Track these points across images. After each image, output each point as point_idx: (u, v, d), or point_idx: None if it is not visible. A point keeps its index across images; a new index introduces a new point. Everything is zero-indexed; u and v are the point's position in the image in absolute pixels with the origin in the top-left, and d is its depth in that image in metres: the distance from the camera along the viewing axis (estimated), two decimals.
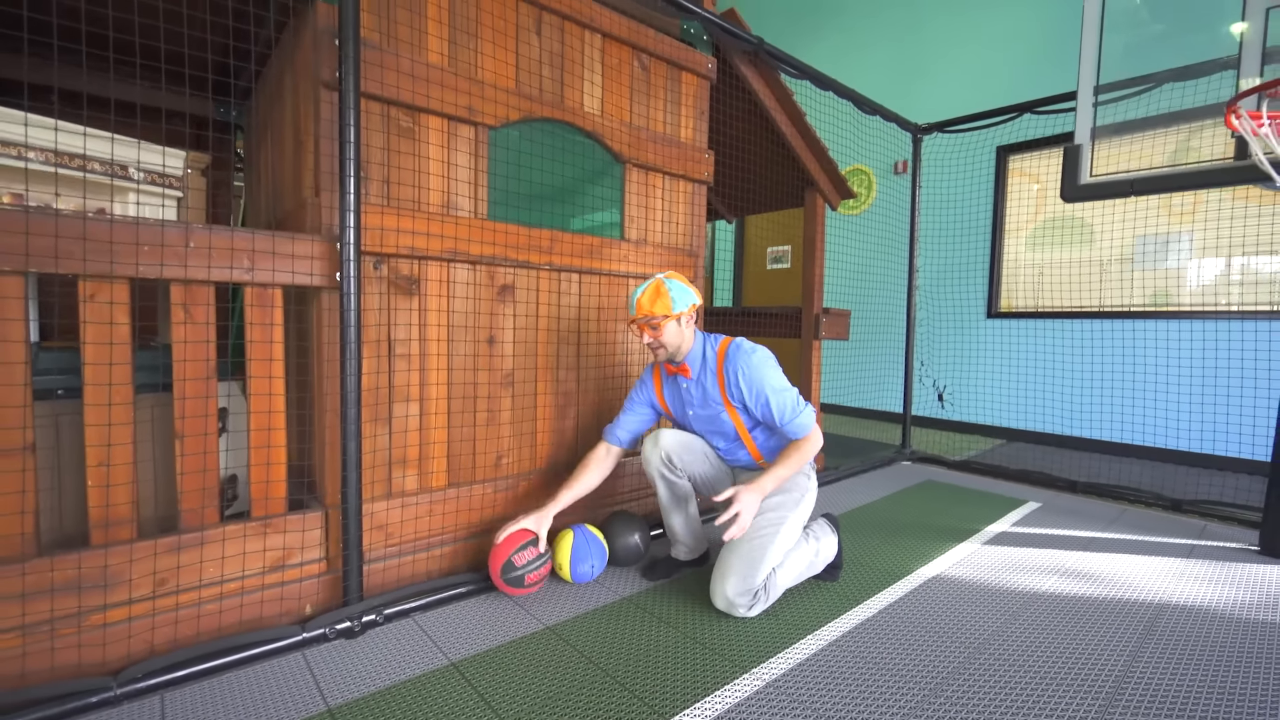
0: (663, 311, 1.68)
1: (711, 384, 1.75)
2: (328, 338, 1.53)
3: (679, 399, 1.85)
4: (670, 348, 1.73)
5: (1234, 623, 1.64)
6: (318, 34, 1.50)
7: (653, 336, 1.71)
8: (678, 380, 1.82)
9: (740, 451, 1.84)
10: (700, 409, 1.80)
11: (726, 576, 1.59)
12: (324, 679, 1.32)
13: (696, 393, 1.79)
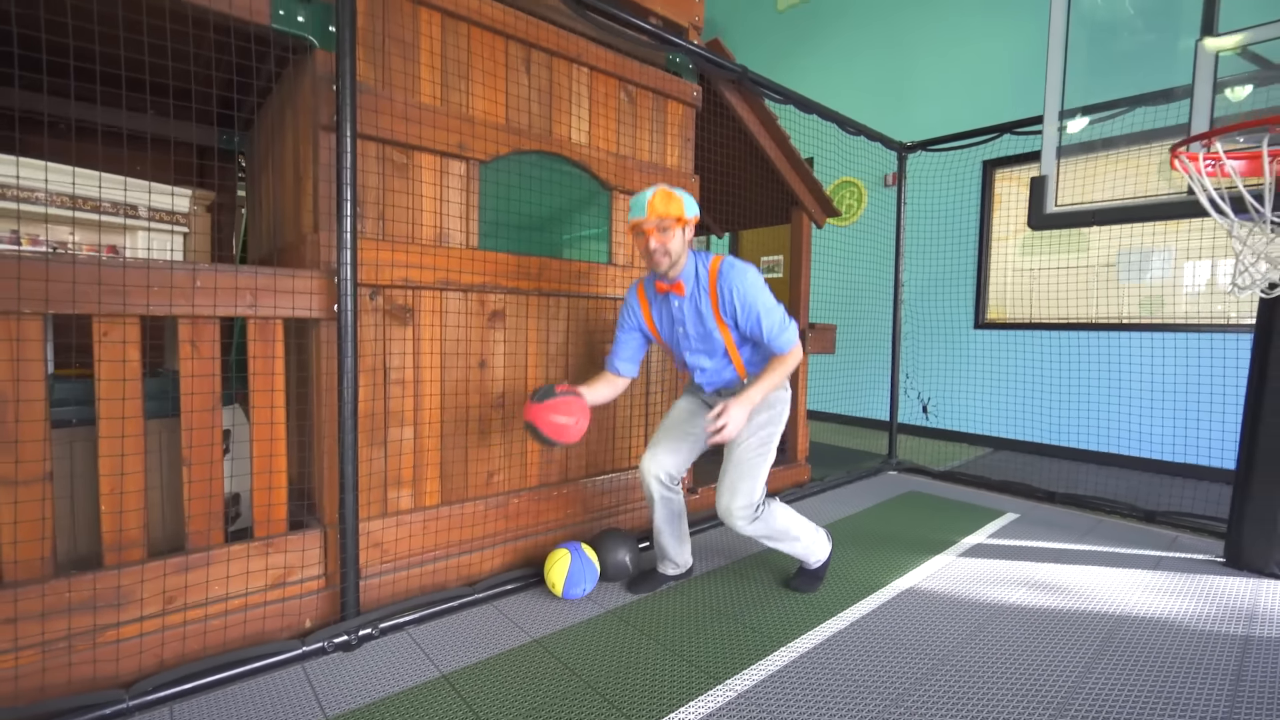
0: (677, 213, 1.65)
1: (705, 302, 1.73)
2: (326, 367, 1.62)
3: (669, 319, 1.82)
4: (673, 256, 1.69)
5: (1189, 634, 1.73)
6: (316, 80, 1.59)
7: (660, 242, 1.66)
8: (669, 299, 1.79)
9: (727, 370, 1.83)
10: (695, 327, 1.78)
11: (734, 491, 1.75)
12: (322, 691, 1.41)
13: (690, 311, 1.76)
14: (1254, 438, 2.16)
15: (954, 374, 4.47)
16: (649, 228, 1.65)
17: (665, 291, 1.76)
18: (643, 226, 1.66)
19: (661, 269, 1.71)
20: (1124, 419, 3.69)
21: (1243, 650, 1.65)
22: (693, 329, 1.78)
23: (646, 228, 1.65)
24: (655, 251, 1.67)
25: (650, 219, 1.64)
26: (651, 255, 1.68)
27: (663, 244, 1.66)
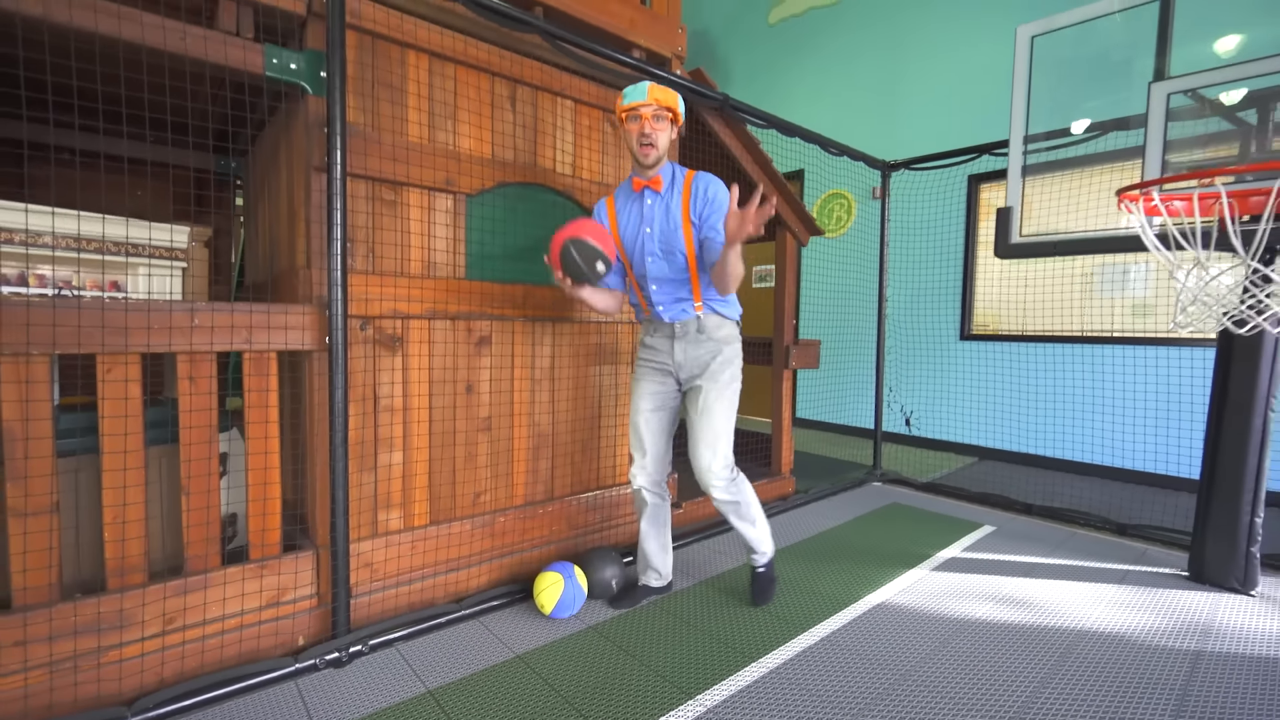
0: (672, 104, 1.72)
1: (676, 201, 1.78)
2: (319, 398, 1.70)
3: (638, 218, 1.83)
4: (660, 150, 1.74)
5: (1144, 650, 1.81)
6: (309, 124, 1.67)
7: (653, 129, 1.70)
8: (644, 196, 1.82)
9: (684, 289, 1.83)
10: (661, 225, 1.79)
11: (714, 449, 1.84)
12: (314, 706, 1.49)
13: (660, 210, 1.79)
14: (1215, 455, 2.24)
15: (940, 385, 4.55)
16: (646, 113, 1.69)
17: (642, 188, 1.80)
18: (640, 110, 1.69)
19: (649, 160, 1.74)
20: (1105, 430, 3.76)
21: (1192, 666, 1.72)
22: (659, 228, 1.79)
23: (644, 112, 1.69)
24: (647, 138, 1.71)
25: (649, 103, 1.68)
26: (642, 141, 1.72)
27: (655, 131, 1.70)
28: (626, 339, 2.48)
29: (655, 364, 1.93)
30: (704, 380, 1.87)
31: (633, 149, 1.76)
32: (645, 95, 1.69)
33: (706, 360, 1.87)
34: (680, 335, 1.87)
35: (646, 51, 2.45)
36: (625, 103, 1.73)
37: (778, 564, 2.38)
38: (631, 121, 1.72)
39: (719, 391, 1.86)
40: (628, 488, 2.51)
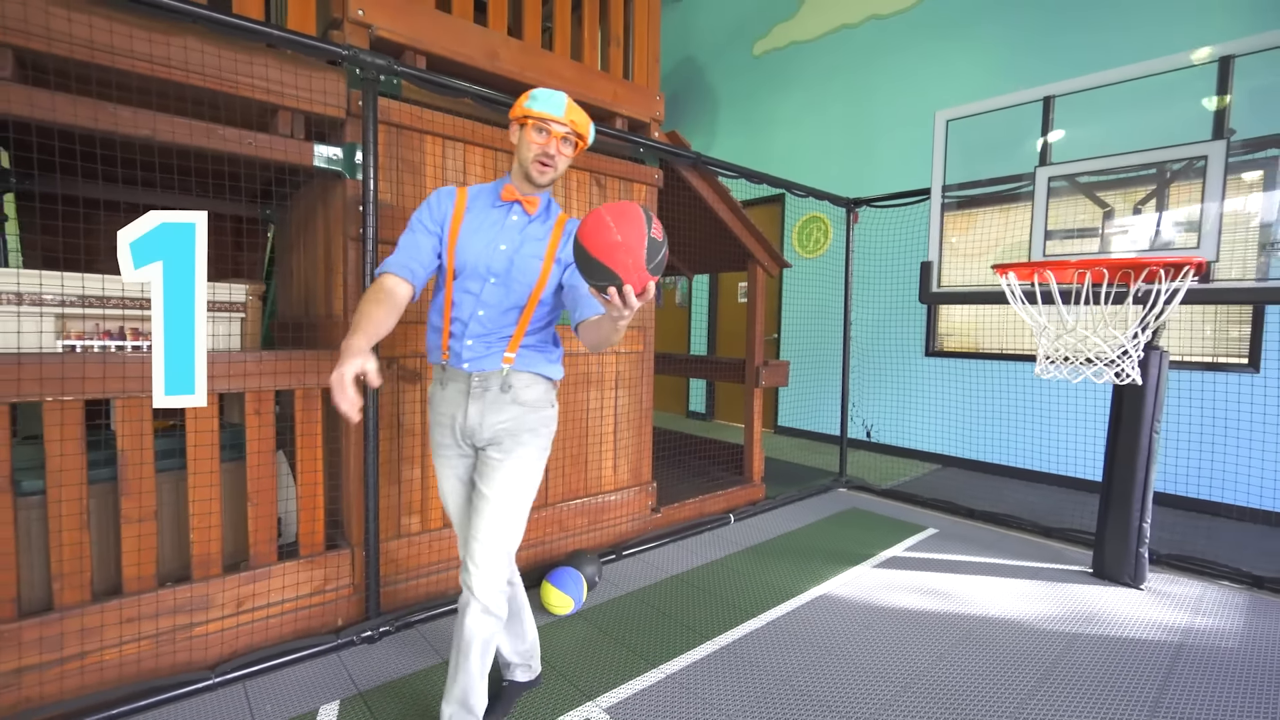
0: (584, 131, 1.54)
1: (545, 234, 1.54)
2: (355, 425, 2.09)
3: (494, 230, 1.52)
4: (557, 172, 1.53)
5: (1033, 632, 2.20)
6: (346, 202, 2.06)
7: (559, 151, 1.50)
8: (508, 211, 1.54)
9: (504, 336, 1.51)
10: (519, 248, 1.51)
11: (495, 549, 1.48)
12: (354, 671, 1.88)
13: (524, 233, 1.53)
14: (1112, 469, 2.62)
15: (906, 396, 4.94)
16: (558, 132, 1.48)
17: (513, 200, 1.54)
18: (551, 126, 1.48)
19: (543, 180, 1.52)
20: (1052, 440, 4.15)
21: (1067, 645, 2.11)
22: (514, 250, 1.50)
23: (556, 130, 1.48)
24: (550, 158, 1.50)
25: (565, 123, 1.48)
26: (541, 160, 1.49)
27: (559, 155, 1.51)
28: (610, 366, 2.86)
29: (447, 425, 1.55)
30: (499, 454, 1.49)
31: (524, 160, 1.50)
32: (562, 112, 1.48)
33: (508, 428, 1.50)
34: (477, 391, 1.50)
35: (628, 119, 2.84)
36: (535, 109, 1.47)
37: (739, 561, 2.77)
38: (536, 132, 1.48)
39: (517, 472, 1.49)
40: (611, 495, 2.90)
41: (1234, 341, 3.53)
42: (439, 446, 1.58)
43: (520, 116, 1.50)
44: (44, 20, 1.54)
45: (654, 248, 1.15)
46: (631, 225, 1.13)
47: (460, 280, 1.50)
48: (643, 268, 1.13)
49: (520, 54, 2.46)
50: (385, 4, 2.10)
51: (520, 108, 1.50)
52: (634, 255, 1.12)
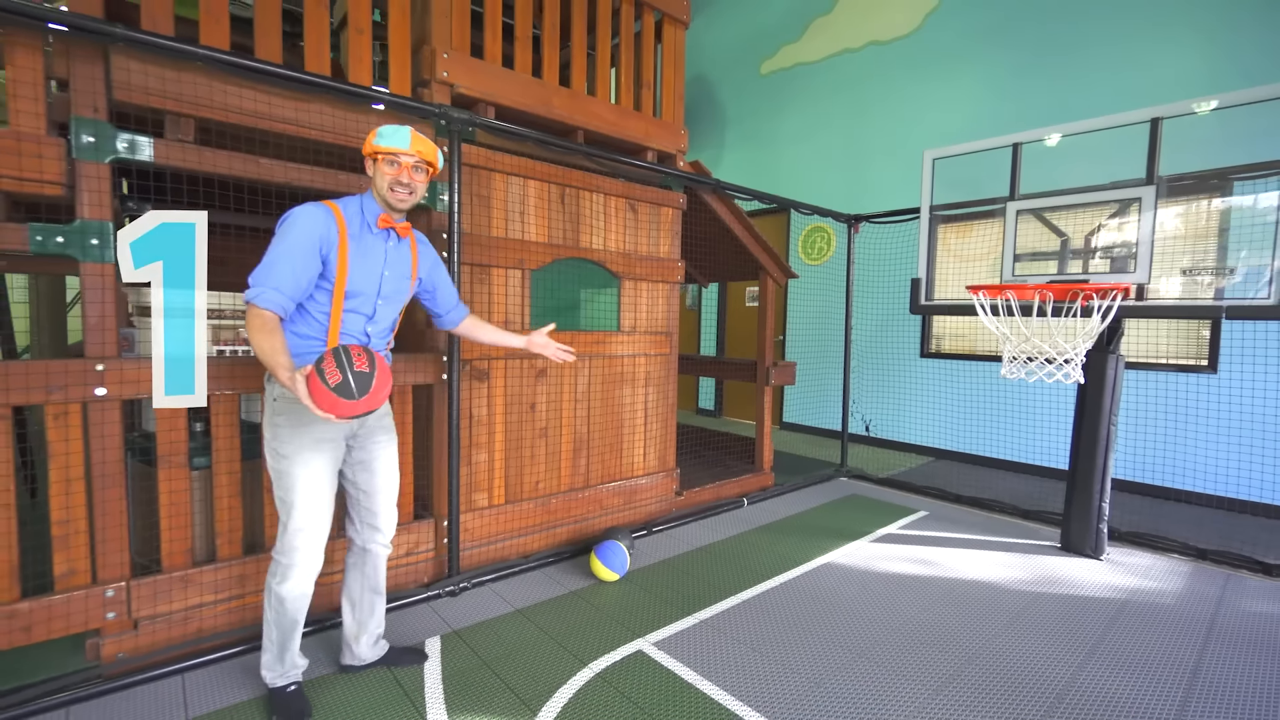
0: (432, 160, 1.71)
1: (408, 253, 1.81)
2: (438, 415, 2.51)
3: (379, 257, 1.72)
4: (416, 198, 1.70)
5: (1003, 591, 2.61)
6: (432, 229, 2.48)
7: (412, 179, 1.67)
8: (387, 237, 1.73)
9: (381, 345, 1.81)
10: (399, 270, 1.77)
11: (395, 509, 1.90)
12: (444, 616, 2.30)
13: (400, 256, 1.78)
14: (1076, 456, 3.04)
15: (903, 394, 5.36)
16: (407, 162, 1.65)
17: (388, 228, 1.72)
18: (401, 158, 1.65)
19: (404, 206, 1.71)
20: (1033, 434, 4.56)
21: (1031, 601, 2.53)
22: (396, 273, 1.76)
23: (404, 161, 1.65)
24: (406, 186, 1.67)
25: (411, 154, 1.65)
26: (395, 190, 1.67)
27: (414, 182, 1.68)
28: (641, 367, 3.29)
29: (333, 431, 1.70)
30: (386, 434, 1.85)
31: (381, 189, 1.68)
32: (408, 144, 1.64)
33: (387, 411, 1.88)
34: None
35: (657, 152, 3.26)
36: (383, 145, 1.65)
37: (753, 537, 3.19)
38: (387, 165, 1.66)
39: (395, 447, 1.89)
40: (641, 479, 3.32)
41: (1196, 346, 3.94)
42: (322, 443, 1.67)
43: (371, 153, 1.68)
44: (219, 97, 1.97)
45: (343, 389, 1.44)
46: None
47: (351, 301, 1.68)
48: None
49: (569, 100, 2.88)
50: (463, 66, 2.52)
51: (370, 145, 1.67)
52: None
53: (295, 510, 1.66)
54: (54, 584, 1.81)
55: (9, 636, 1.72)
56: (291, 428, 1.64)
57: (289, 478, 1.65)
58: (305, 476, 1.65)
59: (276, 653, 1.75)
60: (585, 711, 1.76)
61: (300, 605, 1.73)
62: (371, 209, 1.72)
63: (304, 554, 1.68)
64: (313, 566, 1.71)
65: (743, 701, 1.82)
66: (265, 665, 1.76)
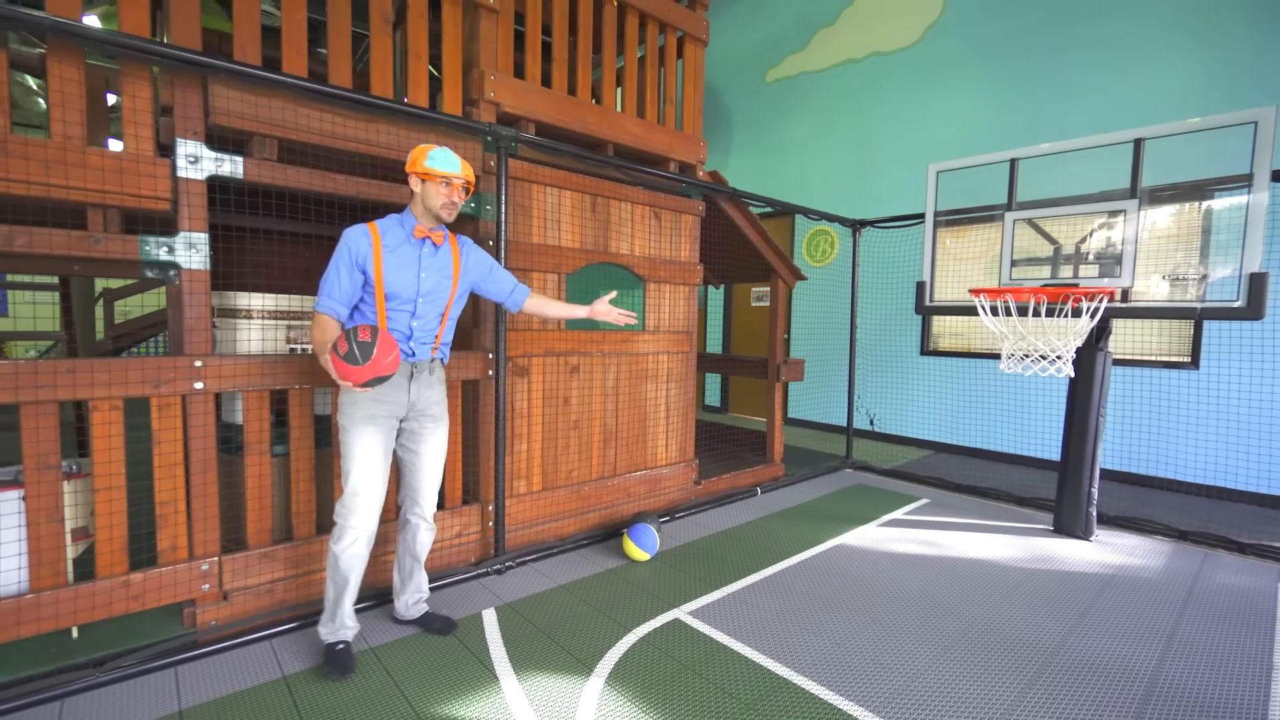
0: (472, 180, 2.00)
1: (448, 258, 2.03)
2: (485, 407, 2.73)
3: (414, 262, 1.94)
4: (458, 210, 1.99)
5: (1002, 567, 2.86)
6: (480, 239, 2.69)
7: (459, 199, 1.96)
8: (424, 245, 1.97)
9: (430, 338, 2.01)
10: (439, 273, 2.00)
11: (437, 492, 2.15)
12: (495, 591, 2.52)
13: (438, 261, 2.00)
14: (1067, 446, 3.28)
15: (904, 391, 5.60)
16: (457, 184, 1.94)
17: (425, 236, 1.95)
18: (453, 181, 1.93)
19: (449, 220, 1.99)
20: (1028, 427, 4.81)
21: (1027, 575, 2.77)
22: (435, 276, 1.99)
23: (456, 183, 1.94)
24: (455, 205, 1.96)
25: (461, 178, 1.94)
26: (446, 207, 1.95)
27: (459, 201, 1.97)
28: (664, 364, 3.51)
29: (389, 401, 1.95)
30: (433, 422, 2.06)
31: (433, 207, 1.94)
32: (459, 170, 1.93)
33: (436, 400, 2.06)
34: (416, 374, 1.99)
35: (679, 163, 3.49)
36: (439, 169, 1.90)
37: (769, 522, 3.43)
38: (442, 186, 1.92)
39: (444, 435, 2.10)
40: (664, 468, 3.55)
41: (1179, 343, 4.20)
42: (373, 419, 1.92)
43: (425, 174, 1.91)
44: (299, 119, 2.18)
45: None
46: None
47: (392, 302, 1.92)
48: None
49: (601, 116, 3.10)
50: (508, 86, 2.74)
51: (423, 167, 1.90)
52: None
53: (351, 476, 1.91)
54: (158, 558, 2.03)
55: (125, 604, 1.94)
56: (350, 405, 1.92)
57: (348, 448, 1.92)
58: (360, 447, 1.91)
59: (331, 610, 1.97)
60: (636, 668, 1.99)
61: (353, 565, 1.93)
62: (410, 222, 1.97)
63: (359, 517, 1.91)
64: (366, 528, 1.93)
65: (774, 659, 2.05)
66: (322, 622, 1.99)
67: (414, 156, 1.92)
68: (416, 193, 1.95)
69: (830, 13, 6.18)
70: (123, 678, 1.83)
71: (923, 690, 1.90)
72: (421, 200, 1.95)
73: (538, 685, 1.89)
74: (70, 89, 1.78)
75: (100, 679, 1.80)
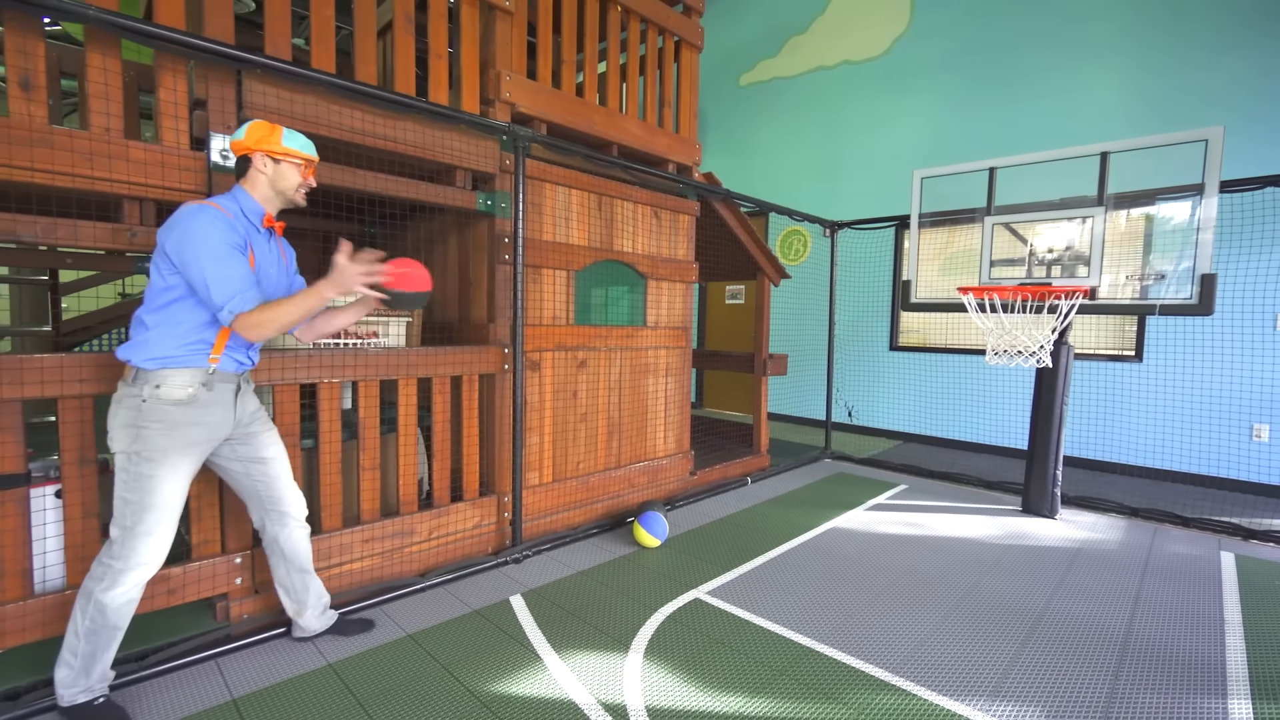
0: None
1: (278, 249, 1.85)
2: (500, 401, 2.79)
3: (271, 259, 1.79)
4: None
5: (980, 544, 3.10)
6: (496, 236, 2.75)
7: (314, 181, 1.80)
8: (270, 235, 1.79)
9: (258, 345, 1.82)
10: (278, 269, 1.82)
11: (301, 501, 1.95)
12: (515, 578, 2.59)
13: (278, 252, 1.83)
14: (1034, 432, 3.57)
15: (875, 385, 5.89)
16: (313, 169, 1.79)
17: (270, 226, 1.77)
18: (311, 164, 1.78)
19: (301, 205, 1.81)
20: (995, 418, 5.15)
21: (1004, 551, 3.02)
22: (279, 270, 1.82)
23: (313, 166, 1.78)
24: (306, 188, 1.78)
25: (316, 161, 1.79)
26: (301, 190, 1.77)
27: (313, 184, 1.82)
28: (663, 359, 3.63)
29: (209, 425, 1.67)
30: (264, 425, 1.85)
31: (287, 190, 1.74)
32: (312, 150, 1.78)
33: (256, 406, 1.84)
34: (244, 388, 1.79)
35: (677, 164, 3.61)
36: (303, 151, 1.74)
37: (764, 509, 3.59)
38: (302, 168, 1.75)
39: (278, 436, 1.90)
40: (663, 459, 3.67)
41: (1123, 339, 4.59)
42: (192, 447, 1.63)
43: (283, 154, 1.70)
44: (329, 115, 2.20)
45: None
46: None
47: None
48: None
49: (606, 118, 3.19)
50: (522, 87, 2.80)
51: (280, 145, 1.70)
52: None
53: (149, 514, 1.58)
54: (191, 552, 2.02)
55: (165, 599, 1.93)
56: (165, 431, 1.58)
57: (150, 480, 1.57)
58: (170, 481, 1.60)
59: (83, 666, 1.57)
60: (668, 643, 2.11)
61: (126, 613, 1.61)
62: (252, 209, 1.72)
63: (147, 559, 1.59)
64: (151, 572, 1.62)
65: (794, 630, 2.20)
66: (64, 682, 1.57)
67: (261, 134, 1.69)
68: (264, 174, 1.70)
69: (801, 21, 6.42)
70: (167, 670, 1.83)
71: (932, 652, 2.09)
72: (271, 183, 1.72)
73: (580, 662, 1.98)
74: (111, 80, 1.76)
75: (144, 672, 1.80)
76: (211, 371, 1.65)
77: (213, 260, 1.54)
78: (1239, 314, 3.97)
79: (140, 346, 1.57)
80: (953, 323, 5.36)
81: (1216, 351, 4.10)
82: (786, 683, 1.89)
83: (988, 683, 1.91)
